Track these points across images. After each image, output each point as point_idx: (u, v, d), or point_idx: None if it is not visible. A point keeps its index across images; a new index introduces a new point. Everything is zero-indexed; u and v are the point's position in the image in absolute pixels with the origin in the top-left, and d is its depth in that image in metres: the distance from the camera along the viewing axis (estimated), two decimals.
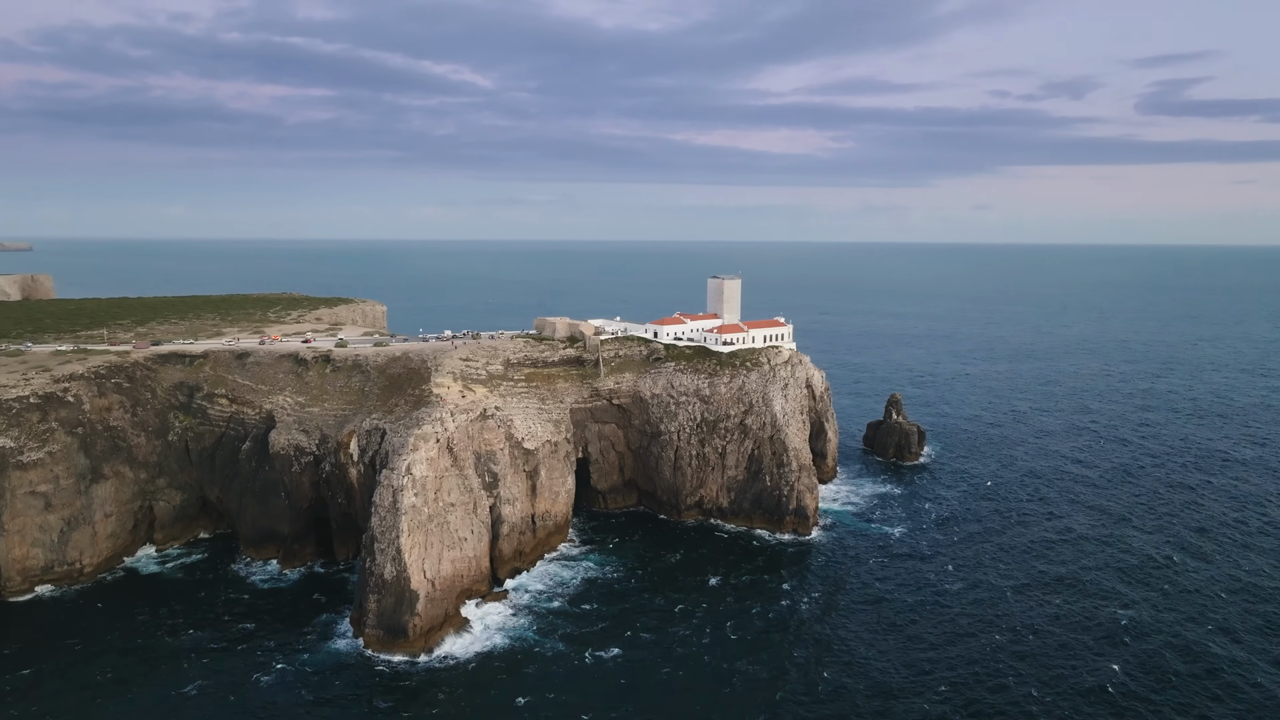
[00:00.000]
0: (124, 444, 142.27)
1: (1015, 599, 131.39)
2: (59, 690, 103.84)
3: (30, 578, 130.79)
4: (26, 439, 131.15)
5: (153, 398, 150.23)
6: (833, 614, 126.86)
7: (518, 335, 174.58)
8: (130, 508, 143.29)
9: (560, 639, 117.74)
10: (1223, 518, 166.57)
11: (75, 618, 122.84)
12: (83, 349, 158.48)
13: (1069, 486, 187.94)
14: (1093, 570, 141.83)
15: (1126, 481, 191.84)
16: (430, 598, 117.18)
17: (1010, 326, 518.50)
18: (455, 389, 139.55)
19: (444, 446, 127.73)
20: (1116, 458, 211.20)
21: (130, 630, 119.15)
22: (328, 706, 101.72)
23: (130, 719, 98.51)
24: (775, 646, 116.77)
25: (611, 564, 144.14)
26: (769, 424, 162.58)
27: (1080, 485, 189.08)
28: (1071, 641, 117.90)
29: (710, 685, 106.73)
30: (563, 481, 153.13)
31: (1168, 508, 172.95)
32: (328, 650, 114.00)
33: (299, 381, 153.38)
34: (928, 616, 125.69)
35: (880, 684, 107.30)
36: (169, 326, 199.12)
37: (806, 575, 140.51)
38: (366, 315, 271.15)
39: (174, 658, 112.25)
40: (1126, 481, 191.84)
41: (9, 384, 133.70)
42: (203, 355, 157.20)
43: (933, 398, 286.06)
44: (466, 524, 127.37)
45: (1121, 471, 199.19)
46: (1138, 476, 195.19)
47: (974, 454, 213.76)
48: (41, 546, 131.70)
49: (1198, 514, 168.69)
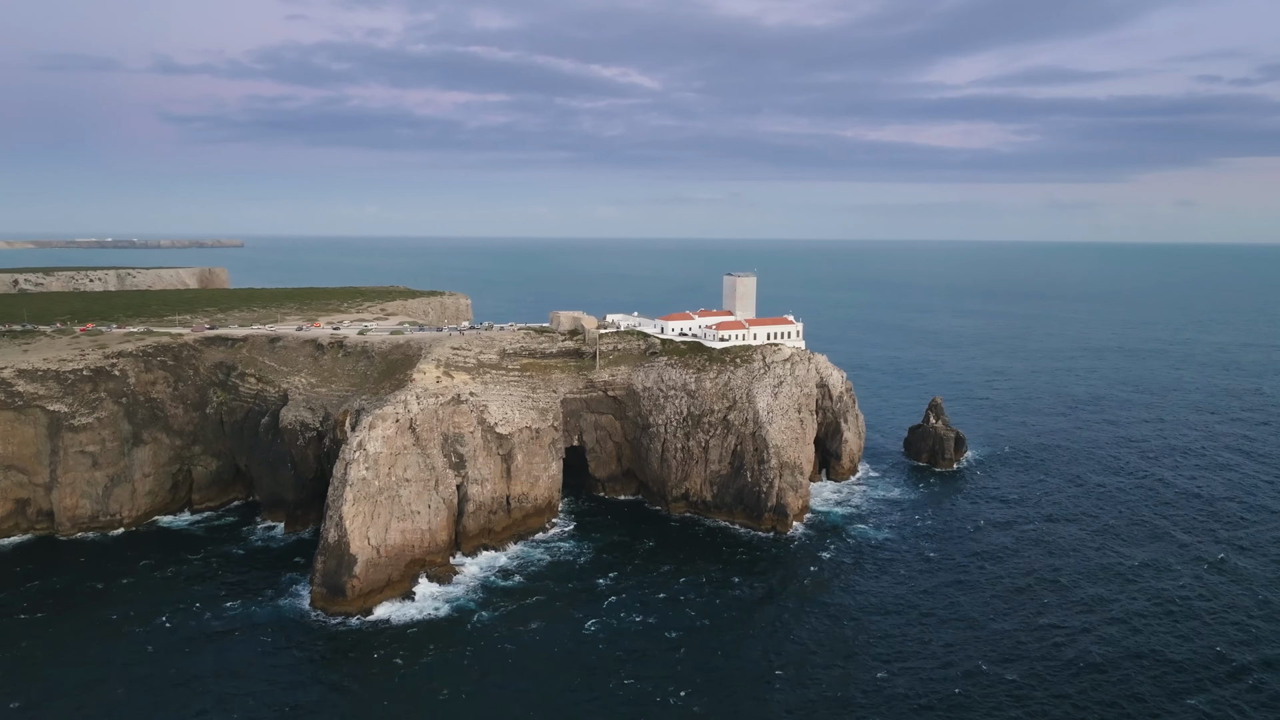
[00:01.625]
0: (162, 414, 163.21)
1: (964, 640, 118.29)
2: (72, 617, 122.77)
3: (78, 524, 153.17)
4: (79, 405, 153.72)
5: (195, 375, 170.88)
6: (775, 613, 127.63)
7: (523, 327, 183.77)
8: (168, 470, 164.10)
9: (497, 613, 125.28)
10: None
11: (105, 560, 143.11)
12: (149, 331, 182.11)
13: (1117, 514, 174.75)
14: (1082, 639, 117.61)
15: (1201, 519, 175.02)
16: (373, 563, 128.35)
17: (1220, 332, 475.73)
18: (432, 374, 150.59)
19: (405, 426, 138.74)
20: (1210, 487, 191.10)
21: (138, 574, 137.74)
22: (257, 646, 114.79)
23: (102, 645, 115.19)
24: (695, 636, 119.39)
25: (584, 549, 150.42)
26: (751, 420, 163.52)
27: (1129, 516, 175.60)
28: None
29: (618, 668, 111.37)
30: (545, 467, 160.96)
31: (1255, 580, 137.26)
32: (281, 603, 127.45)
33: (314, 364, 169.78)
34: (863, 630, 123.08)
35: (777, 687, 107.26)
36: (245, 313, 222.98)
37: (765, 572, 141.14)
38: (446, 307, 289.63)
39: (160, 598, 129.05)
40: (1201, 519, 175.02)
41: (68, 358, 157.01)
42: (243, 339, 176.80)
43: (1022, 406, 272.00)
44: (422, 499, 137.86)
45: (1202, 506, 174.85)
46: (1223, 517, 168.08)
47: (1024, 467, 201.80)
48: (88, 498, 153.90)
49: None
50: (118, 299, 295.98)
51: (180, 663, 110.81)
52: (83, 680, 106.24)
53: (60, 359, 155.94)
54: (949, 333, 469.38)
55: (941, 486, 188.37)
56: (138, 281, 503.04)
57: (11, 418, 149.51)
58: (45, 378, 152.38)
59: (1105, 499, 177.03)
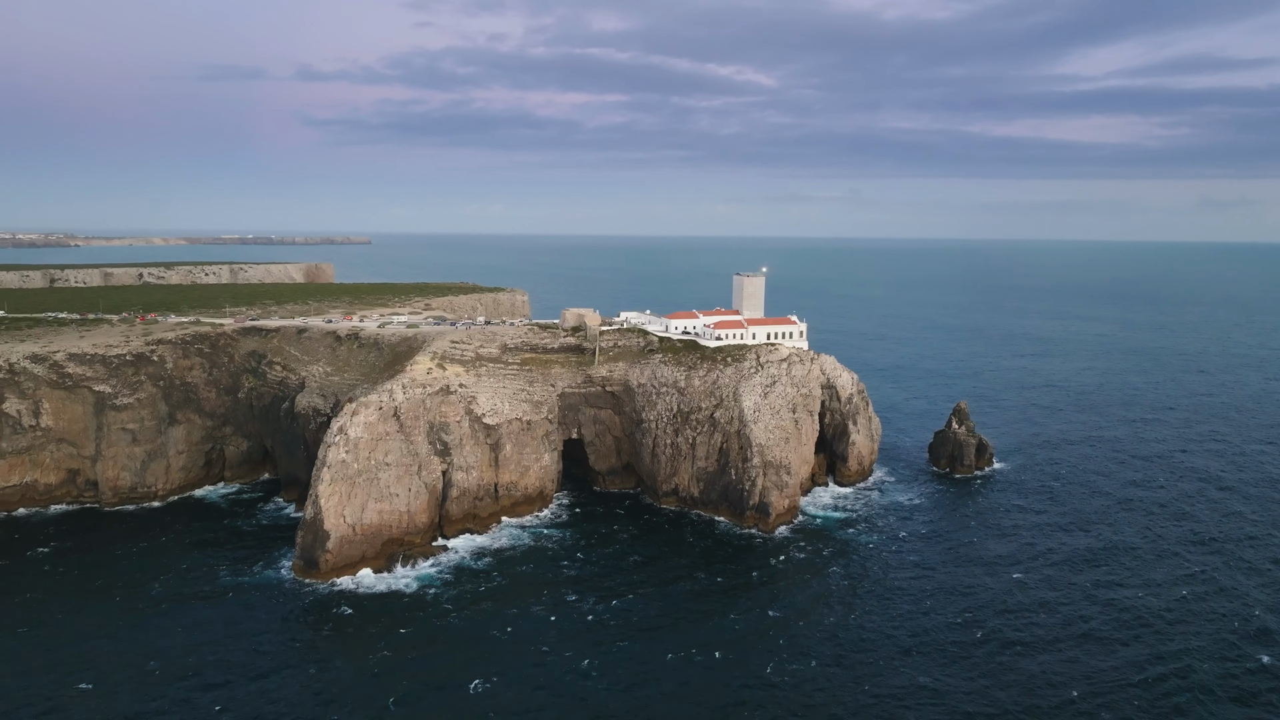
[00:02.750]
0: (195, 397, 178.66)
1: (890, 653, 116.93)
2: (89, 575, 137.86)
3: (120, 494, 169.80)
4: (121, 387, 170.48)
5: (229, 362, 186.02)
6: (717, 608, 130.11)
7: (528, 323, 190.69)
8: (201, 448, 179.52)
9: (455, 591, 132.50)
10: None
11: (133, 527, 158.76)
12: (198, 321, 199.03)
13: (1122, 538, 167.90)
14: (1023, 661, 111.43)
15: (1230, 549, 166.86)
16: (347, 539, 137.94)
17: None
18: (424, 366, 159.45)
19: (389, 414, 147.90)
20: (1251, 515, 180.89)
21: (154, 541, 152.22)
22: (232, 607, 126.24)
23: (99, 602, 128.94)
24: (628, 624, 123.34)
25: (566, 537, 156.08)
26: (736, 419, 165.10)
27: (1136, 542, 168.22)
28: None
29: (538, 647, 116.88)
30: (536, 458, 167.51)
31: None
32: (267, 573, 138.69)
33: (332, 354, 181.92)
34: (790, 632, 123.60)
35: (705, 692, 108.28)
36: (296, 306, 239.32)
37: (729, 567, 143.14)
38: (500, 303, 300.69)
39: (162, 562, 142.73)
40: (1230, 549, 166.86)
41: (114, 344, 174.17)
42: (275, 330, 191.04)
43: (1076, 416, 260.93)
44: (403, 483, 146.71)
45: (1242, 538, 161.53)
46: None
47: (1048, 479, 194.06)
48: (128, 471, 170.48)
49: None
50: (193, 291, 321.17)
51: (159, 619, 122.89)
52: (79, 627, 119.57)
53: (108, 344, 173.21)
54: (1033, 337, 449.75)
55: (952, 494, 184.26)
56: (249, 275, 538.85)
57: (63, 396, 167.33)
58: (93, 361, 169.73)
59: (1120, 521, 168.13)
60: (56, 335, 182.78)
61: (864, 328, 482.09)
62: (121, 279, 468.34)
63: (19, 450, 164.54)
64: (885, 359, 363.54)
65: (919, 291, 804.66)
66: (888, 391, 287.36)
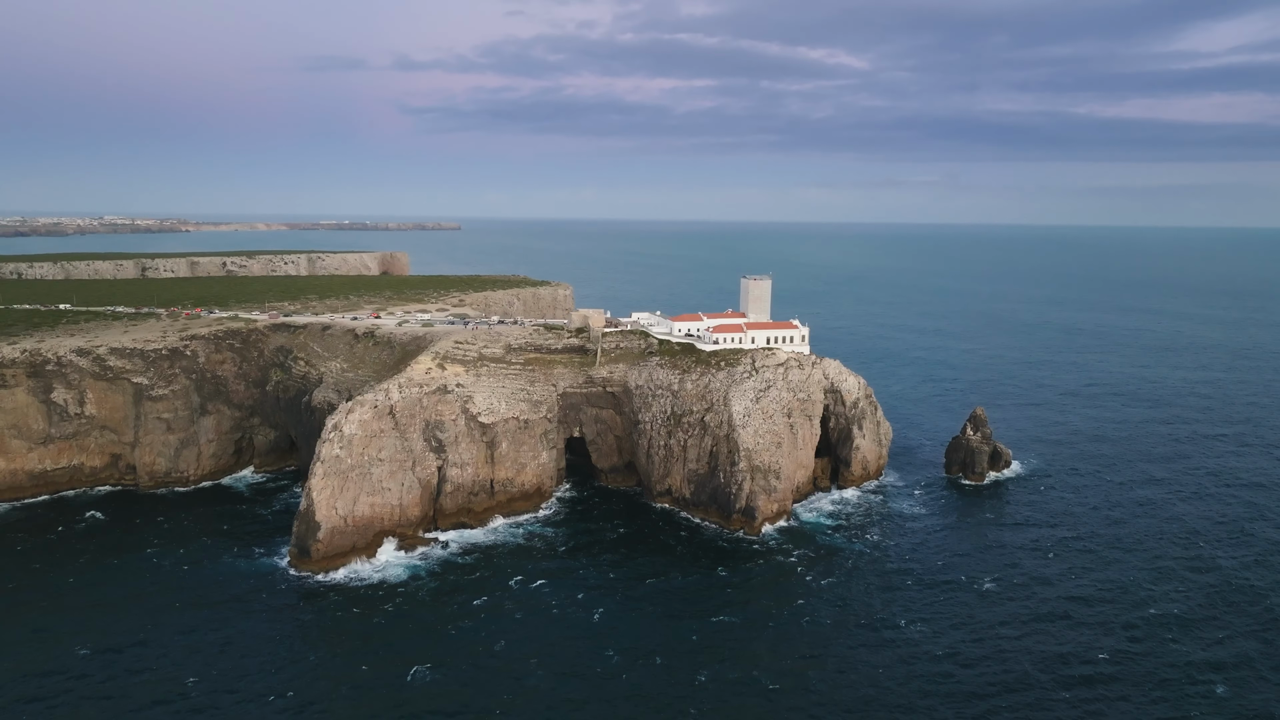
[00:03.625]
0: (225, 389, 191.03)
1: (841, 666, 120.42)
2: (120, 552, 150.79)
3: (155, 479, 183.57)
4: (157, 379, 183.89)
5: (259, 356, 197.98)
6: (679, 608, 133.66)
7: (535, 324, 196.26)
8: (230, 437, 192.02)
9: (439, 584, 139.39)
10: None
11: (167, 509, 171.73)
12: (236, 316, 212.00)
13: (1127, 557, 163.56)
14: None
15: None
16: (338, 530, 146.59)
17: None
18: (424, 366, 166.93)
19: (383, 412, 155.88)
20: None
21: (174, 524, 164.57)
22: (227, 587, 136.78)
23: (122, 571, 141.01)
24: (598, 627, 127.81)
25: (556, 533, 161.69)
26: (725, 423, 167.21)
27: (1135, 561, 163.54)
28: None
29: (498, 640, 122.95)
30: (534, 455, 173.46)
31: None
32: (264, 559, 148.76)
33: (349, 351, 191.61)
34: (739, 639, 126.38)
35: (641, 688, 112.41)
36: (335, 300, 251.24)
37: (705, 569, 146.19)
38: (540, 298, 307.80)
39: (181, 541, 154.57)
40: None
41: (152, 339, 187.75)
42: (303, 326, 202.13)
43: (1122, 423, 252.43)
44: (395, 478, 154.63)
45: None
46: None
47: (1066, 489, 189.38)
48: (163, 457, 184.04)
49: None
50: (251, 285, 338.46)
51: (160, 596, 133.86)
52: (90, 600, 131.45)
53: (146, 339, 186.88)
54: (1105, 333, 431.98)
55: (958, 502, 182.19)
56: (326, 264, 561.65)
57: (105, 387, 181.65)
58: (132, 355, 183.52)
59: (1132, 541, 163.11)
60: (105, 329, 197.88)
61: (953, 325, 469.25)
62: (207, 267, 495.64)
63: (66, 436, 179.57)
64: (960, 360, 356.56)
65: (1018, 285, 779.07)
66: (937, 393, 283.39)
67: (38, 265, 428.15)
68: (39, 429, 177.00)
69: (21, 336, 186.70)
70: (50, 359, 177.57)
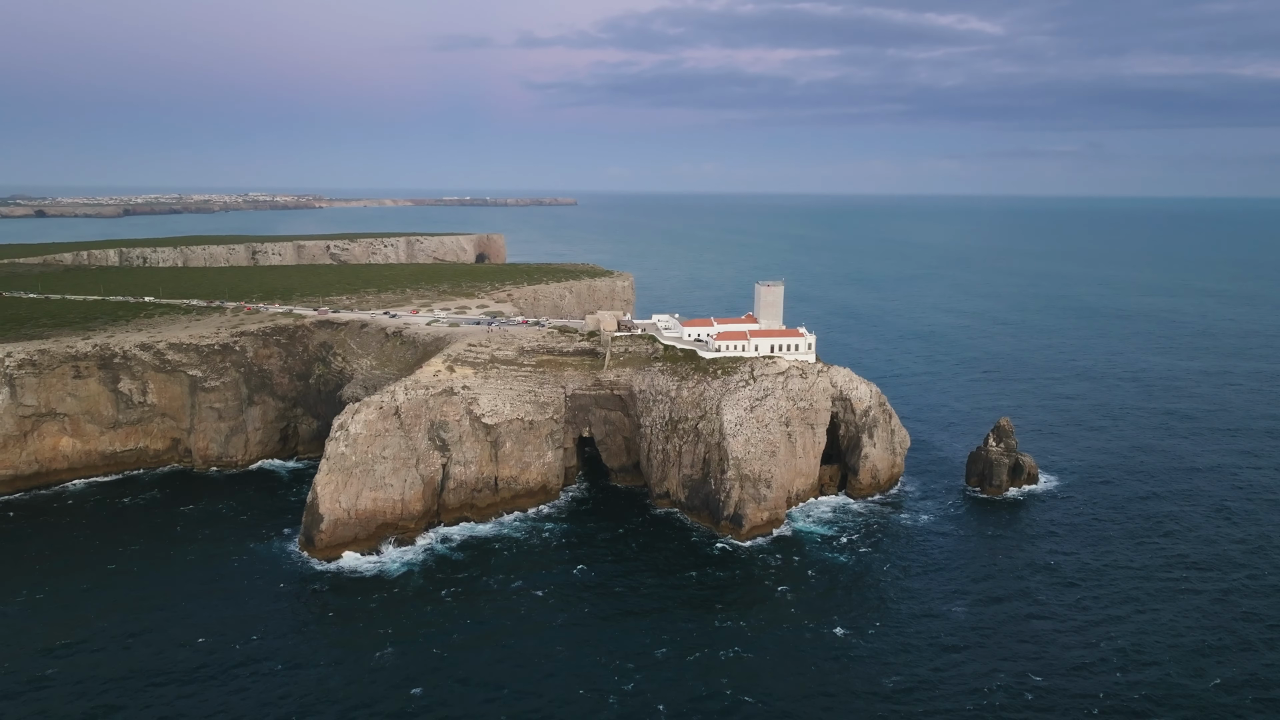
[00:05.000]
0: (269, 382, 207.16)
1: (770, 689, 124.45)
2: (161, 526, 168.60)
3: (208, 461, 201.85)
4: (210, 371, 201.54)
5: (304, 351, 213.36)
6: (634, 606, 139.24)
7: (551, 326, 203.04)
8: (275, 426, 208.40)
9: (426, 576, 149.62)
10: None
11: (214, 490, 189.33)
12: (289, 311, 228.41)
13: (1125, 586, 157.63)
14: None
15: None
16: (341, 522, 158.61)
17: None
18: (433, 369, 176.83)
19: (389, 412, 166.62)
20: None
21: (219, 502, 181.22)
22: (235, 565, 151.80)
23: (162, 544, 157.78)
24: (559, 628, 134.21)
25: (553, 530, 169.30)
26: (717, 430, 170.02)
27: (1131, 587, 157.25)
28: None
29: (456, 630, 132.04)
30: (538, 455, 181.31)
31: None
32: (276, 544, 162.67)
33: (380, 350, 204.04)
34: (674, 647, 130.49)
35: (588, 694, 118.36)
36: (389, 295, 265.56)
37: (679, 573, 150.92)
38: (595, 290, 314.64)
39: (214, 519, 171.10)
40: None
41: (206, 335, 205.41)
42: (345, 324, 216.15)
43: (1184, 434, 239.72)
44: (398, 475, 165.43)
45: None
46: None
47: (1091, 506, 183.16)
48: (215, 443, 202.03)
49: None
50: (325, 274, 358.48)
51: (182, 568, 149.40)
52: (130, 565, 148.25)
53: (200, 335, 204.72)
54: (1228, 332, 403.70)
55: (965, 516, 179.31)
56: (424, 246, 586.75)
57: (165, 378, 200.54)
58: (188, 349, 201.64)
59: (1144, 569, 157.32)
60: (170, 324, 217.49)
61: (1050, 320, 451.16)
62: (312, 251, 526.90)
63: (132, 421, 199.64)
64: (1039, 359, 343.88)
65: (1166, 270, 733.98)
66: (996, 400, 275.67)
67: (161, 249, 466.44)
68: (109, 415, 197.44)
69: (96, 331, 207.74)
70: (117, 353, 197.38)
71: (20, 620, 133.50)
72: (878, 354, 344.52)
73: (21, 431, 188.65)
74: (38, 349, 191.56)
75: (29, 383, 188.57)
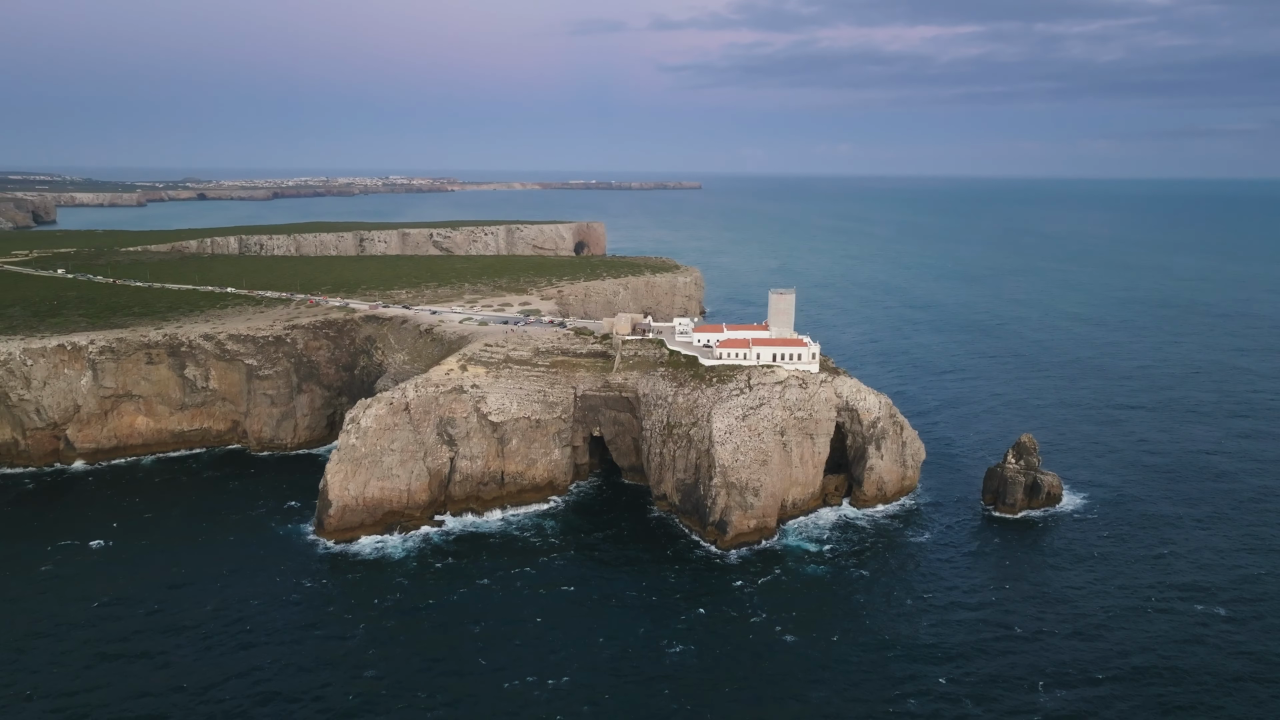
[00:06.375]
0: (317, 372, 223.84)
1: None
2: (215, 503, 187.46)
3: (262, 444, 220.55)
4: (264, 361, 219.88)
5: (350, 344, 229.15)
6: (593, 604, 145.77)
7: (568, 328, 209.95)
8: (323, 413, 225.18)
9: (419, 562, 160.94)
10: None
11: (261, 470, 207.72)
12: (345, 305, 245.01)
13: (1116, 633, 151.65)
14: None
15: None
16: (349, 508, 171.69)
17: None
18: (445, 367, 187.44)
19: (399, 408, 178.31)
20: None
21: (260, 481, 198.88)
22: (262, 540, 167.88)
23: (201, 518, 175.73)
24: (542, 622, 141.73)
25: (550, 526, 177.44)
26: (707, 438, 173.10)
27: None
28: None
29: (428, 617, 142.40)
30: (544, 452, 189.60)
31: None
32: (297, 525, 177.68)
33: (413, 346, 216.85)
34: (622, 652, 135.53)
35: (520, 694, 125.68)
36: (444, 289, 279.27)
37: (653, 576, 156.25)
38: (655, 287, 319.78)
39: (252, 497, 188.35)
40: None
41: (263, 327, 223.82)
42: (389, 319, 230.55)
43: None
44: (405, 466, 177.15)
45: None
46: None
47: (1113, 534, 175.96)
48: (267, 426, 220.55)
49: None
50: (402, 266, 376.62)
51: (212, 540, 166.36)
52: (171, 535, 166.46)
53: (257, 327, 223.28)
54: None
55: (969, 534, 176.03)
56: (524, 235, 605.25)
57: (225, 366, 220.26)
58: (245, 340, 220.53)
59: (1138, 608, 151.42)
60: (236, 316, 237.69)
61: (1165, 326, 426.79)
62: (416, 239, 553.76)
63: (197, 404, 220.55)
64: (1128, 370, 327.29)
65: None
66: (1059, 414, 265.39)
67: (276, 236, 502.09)
68: (177, 398, 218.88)
69: (169, 321, 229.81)
70: (184, 342, 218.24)
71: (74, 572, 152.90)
72: (938, 352, 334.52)
73: (102, 410, 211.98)
74: (116, 337, 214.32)
75: (108, 367, 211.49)
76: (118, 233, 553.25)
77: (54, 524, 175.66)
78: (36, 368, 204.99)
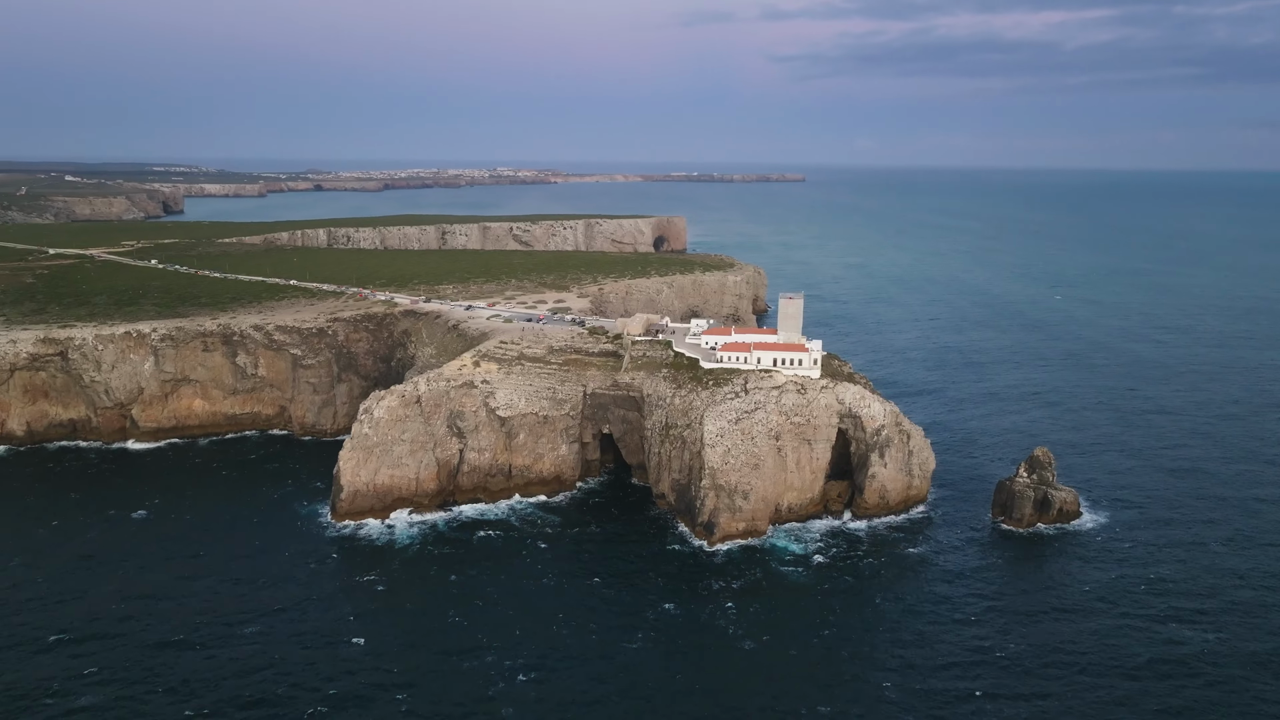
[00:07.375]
0: (355, 362, 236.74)
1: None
2: (248, 483, 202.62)
3: (305, 429, 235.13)
4: (308, 351, 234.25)
5: (389, 337, 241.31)
6: (570, 597, 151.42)
7: (584, 328, 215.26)
8: (360, 401, 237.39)
9: (421, 547, 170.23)
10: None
11: (302, 453, 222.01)
12: (389, 300, 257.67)
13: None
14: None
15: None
16: (360, 493, 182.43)
17: None
18: (458, 363, 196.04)
19: (410, 401, 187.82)
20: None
21: (295, 463, 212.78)
22: (282, 519, 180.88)
23: (232, 497, 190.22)
24: (523, 615, 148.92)
25: (549, 519, 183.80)
26: (698, 439, 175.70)
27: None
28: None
29: (409, 600, 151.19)
30: (551, 447, 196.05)
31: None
32: (316, 507, 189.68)
33: (441, 340, 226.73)
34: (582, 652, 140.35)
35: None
36: (488, 285, 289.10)
37: (632, 573, 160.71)
38: (702, 286, 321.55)
39: (286, 477, 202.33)
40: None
41: (307, 320, 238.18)
42: (425, 314, 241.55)
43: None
44: (415, 456, 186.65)
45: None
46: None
47: (1123, 557, 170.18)
48: (310, 412, 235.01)
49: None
50: (457, 260, 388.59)
51: (237, 519, 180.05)
52: (204, 514, 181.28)
53: (302, 320, 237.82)
54: None
55: (970, 549, 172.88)
56: (603, 229, 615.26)
57: (273, 355, 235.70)
58: (291, 331, 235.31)
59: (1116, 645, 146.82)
60: (288, 308, 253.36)
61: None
62: (496, 232, 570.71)
63: (247, 390, 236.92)
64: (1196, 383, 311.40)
65: None
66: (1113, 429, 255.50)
67: (362, 229, 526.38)
68: (229, 383, 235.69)
69: (223, 312, 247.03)
70: (236, 332, 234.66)
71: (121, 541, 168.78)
72: (994, 354, 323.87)
73: (163, 393, 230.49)
74: (176, 326, 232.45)
75: (168, 353, 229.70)
76: (221, 224, 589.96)
77: (109, 495, 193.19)
78: (106, 352, 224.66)
